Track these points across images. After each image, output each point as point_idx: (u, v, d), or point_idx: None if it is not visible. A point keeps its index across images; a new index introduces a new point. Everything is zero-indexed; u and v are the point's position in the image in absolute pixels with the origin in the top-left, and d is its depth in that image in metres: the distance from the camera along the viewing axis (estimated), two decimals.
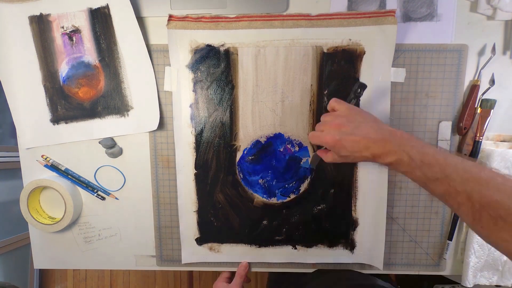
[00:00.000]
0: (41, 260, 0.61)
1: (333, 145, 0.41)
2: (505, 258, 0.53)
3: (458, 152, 0.53)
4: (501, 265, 0.54)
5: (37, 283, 1.41)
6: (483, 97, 0.51)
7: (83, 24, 0.52)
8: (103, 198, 0.57)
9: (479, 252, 0.53)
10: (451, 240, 0.55)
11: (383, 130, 0.39)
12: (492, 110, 0.51)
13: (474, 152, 0.52)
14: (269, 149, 0.54)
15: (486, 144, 0.53)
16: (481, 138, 0.52)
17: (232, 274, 0.58)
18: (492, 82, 0.51)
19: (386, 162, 0.38)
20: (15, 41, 0.52)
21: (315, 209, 0.55)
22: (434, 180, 0.35)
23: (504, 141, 0.53)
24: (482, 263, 0.54)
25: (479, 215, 0.31)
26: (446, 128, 0.53)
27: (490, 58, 0.51)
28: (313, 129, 0.52)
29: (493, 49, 0.51)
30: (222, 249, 0.57)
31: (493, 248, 0.52)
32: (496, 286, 0.57)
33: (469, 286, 0.54)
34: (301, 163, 0.54)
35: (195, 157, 0.54)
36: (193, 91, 0.53)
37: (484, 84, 0.52)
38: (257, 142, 0.54)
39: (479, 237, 0.52)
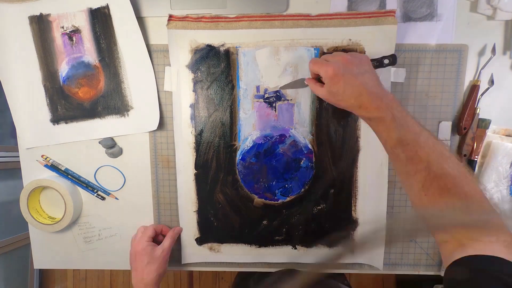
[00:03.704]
0: (41, 260, 0.61)
1: (333, 76, 0.41)
2: None
3: (458, 153, 0.53)
4: None
5: (37, 283, 1.41)
6: (479, 117, 0.52)
7: (83, 24, 0.52)
8: (103, 198, 0.57)
9: None
10: None
11: (379, 87, 0.41)
12: (487, 130, 0.52)
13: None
14: (269, 149, 0.54)
15: (492, 137, 0.53)
16: (476, 157, 0.52)
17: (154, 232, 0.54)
18: (491, 82, 0.51)
19: (369, 115, 0.40)
20: (15, 41, 0.52)
21: (315, 209, 0.55)
22: (405, 144, 0.37)
23: (509, 135, 0.53)
24: None
25: (430, 183, 0.34)
26: (446, 128, 0.53)
27: (490, 58, 0.51)
28: (313, 129, 0.52)
29: (493, 49, 0.51)
30: (222, 249, 0.57)
31: None
32: None
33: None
34: (301, 163, 0.54)
35: (195, 157, 0.54)
36: (193, 91, 0.53)
37: (484, 84, 0.52)
38: (257, 142, 0.54)
39: None
